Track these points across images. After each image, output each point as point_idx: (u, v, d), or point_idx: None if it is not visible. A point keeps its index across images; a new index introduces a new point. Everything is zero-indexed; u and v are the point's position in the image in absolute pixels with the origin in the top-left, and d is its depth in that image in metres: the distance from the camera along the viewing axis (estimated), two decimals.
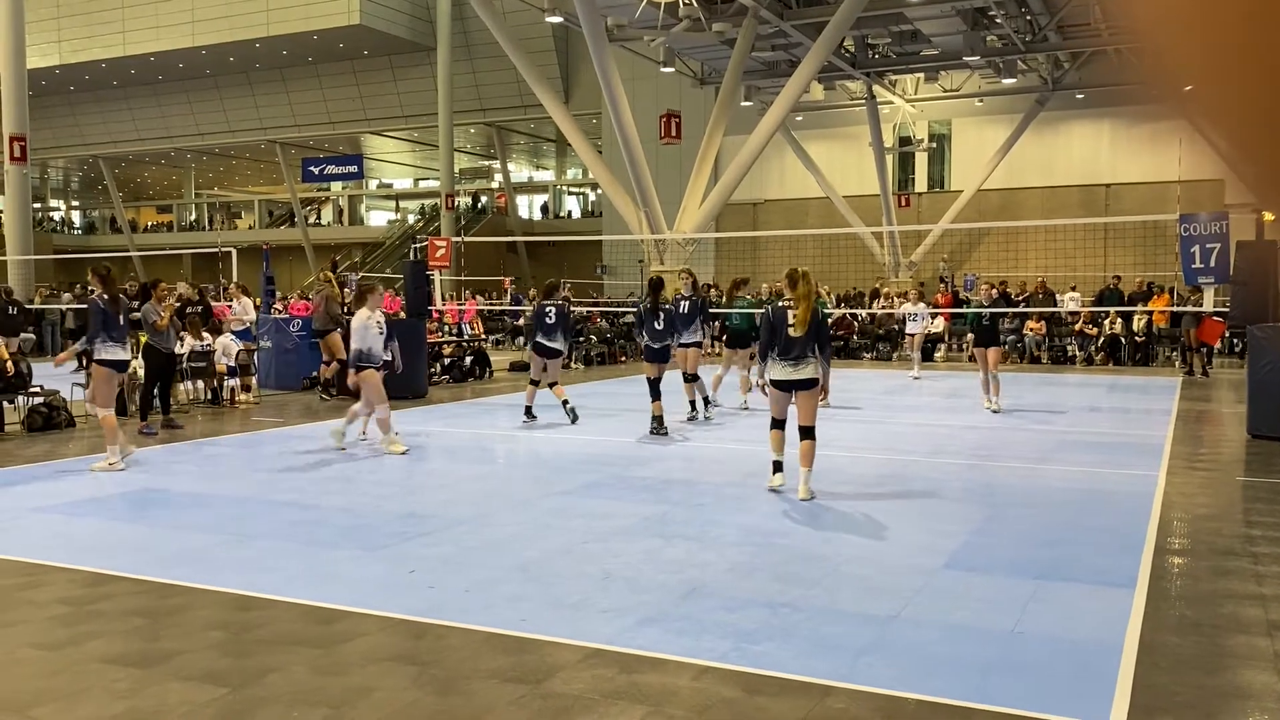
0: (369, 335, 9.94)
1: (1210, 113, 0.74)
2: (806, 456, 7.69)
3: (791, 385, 7.68)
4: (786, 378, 7.66)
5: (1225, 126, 0.75)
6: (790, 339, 7.62)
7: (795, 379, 7.64)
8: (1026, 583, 5.52)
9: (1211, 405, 14.30)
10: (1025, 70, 28.04)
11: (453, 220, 38.73)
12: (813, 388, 7.68)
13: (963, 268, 32.08)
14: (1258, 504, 7.66)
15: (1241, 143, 0.75)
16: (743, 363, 13.47)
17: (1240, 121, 0.74)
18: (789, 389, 7.71)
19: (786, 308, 7.73)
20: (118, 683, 4.18)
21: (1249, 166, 0.76)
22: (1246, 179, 0.79)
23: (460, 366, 18.12)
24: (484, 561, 6.05)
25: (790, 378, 7.65)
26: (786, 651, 4.48)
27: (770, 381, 7.78)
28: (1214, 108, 0.74)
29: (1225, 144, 0.77)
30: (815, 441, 7.74)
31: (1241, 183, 0.82)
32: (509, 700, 3.97)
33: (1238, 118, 0.73)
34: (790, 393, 7.74)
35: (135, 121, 46.34)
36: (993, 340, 13.33)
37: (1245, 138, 0.75)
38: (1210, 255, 11.56)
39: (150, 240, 53.28)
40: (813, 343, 7.64)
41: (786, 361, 7.64)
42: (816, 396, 7.74)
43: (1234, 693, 4.04)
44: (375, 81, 41.44)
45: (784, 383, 7.70)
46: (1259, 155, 0.75)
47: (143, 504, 7.80)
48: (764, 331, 7.87)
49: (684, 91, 30.62)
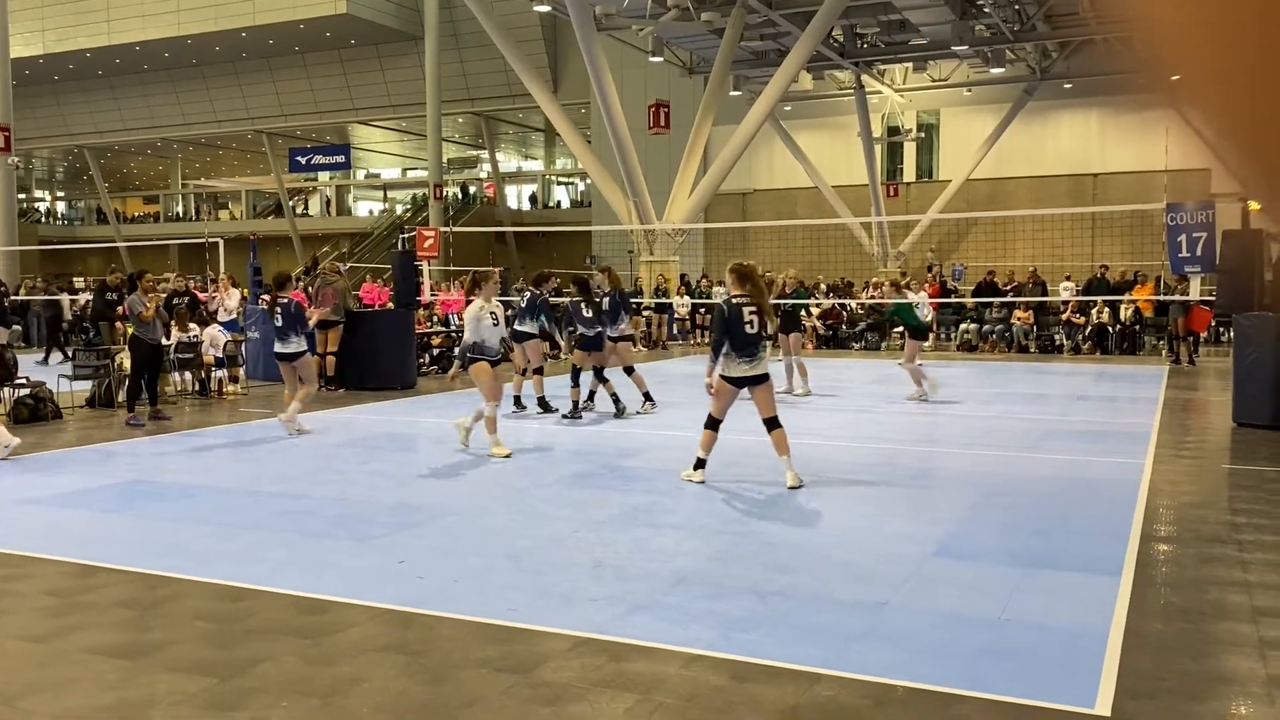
0: (482, 327, 9.32)
1: (1201, 102, 0.75)
2: (782, 445, 7.71)
3: (746, 381, 7.67)
4: (745, 374, 7.64)
5: (1216, 116, 0.75)
6: (747, 335, 7.61)
7: (754, 374, 7.64)
8: (1014, 570, 5.56)
9: (1197, 394, 14.38)
10: (1013, 60, 28.08)
11: (441, 210, 38.61)
12: (767, 381, 7.70)
13: (951, 258, 32.16)
14: (1243, 491, 7.72)
15: (1232, 133, 0.76)
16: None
17: (1231, 111, 0.74)
18: (743, 385, 7.69)
19: (741, 304, 7.67)
20: (106, 674, 4.17)
21: (1239, 157, 0.77)
22: (1236, 169, 0.79)
23: (449, 357, 18.07)
24: (474, 551, 6.05)
25: (750, 374, 7.64)
26: (775, 639, 4.50)
27: (726, 379, 7.70)
28: (1206, 97, 0.74)
29: (1215, 133, 0.77)
30: (784, 428, 7.75)
31: (1233, 174, 0.83)
32: (499, 689, 3.97)
33: (1229, 108, 0.74)
34: (740, 389, 7.73)
35: (120, 111, 46.04)
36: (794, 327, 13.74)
37: (1235, 127, 0.75)
38: (1197, 244, 11.62)
39: (136, 231, 52.99)
40: (764, 338, 7.71)
41: (744, 358, 7.62)
42: (771, 389, 7.77)
43: (1218, 678, 4.07)
44: (362, 71, 41.25)
45: (740, 379, 7.66)
46: (1249, 145, 0.76)
47: (131, 495, 7.78)
48: (718, 329, 7.77)
49: (673, 81, 30.57)
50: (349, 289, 15.05)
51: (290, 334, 10.68)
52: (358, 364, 14.83)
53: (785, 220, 30.80)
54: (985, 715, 3.71)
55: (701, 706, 3.80)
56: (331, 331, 14.72)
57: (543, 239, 40.85)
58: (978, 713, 3.73)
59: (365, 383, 14.69)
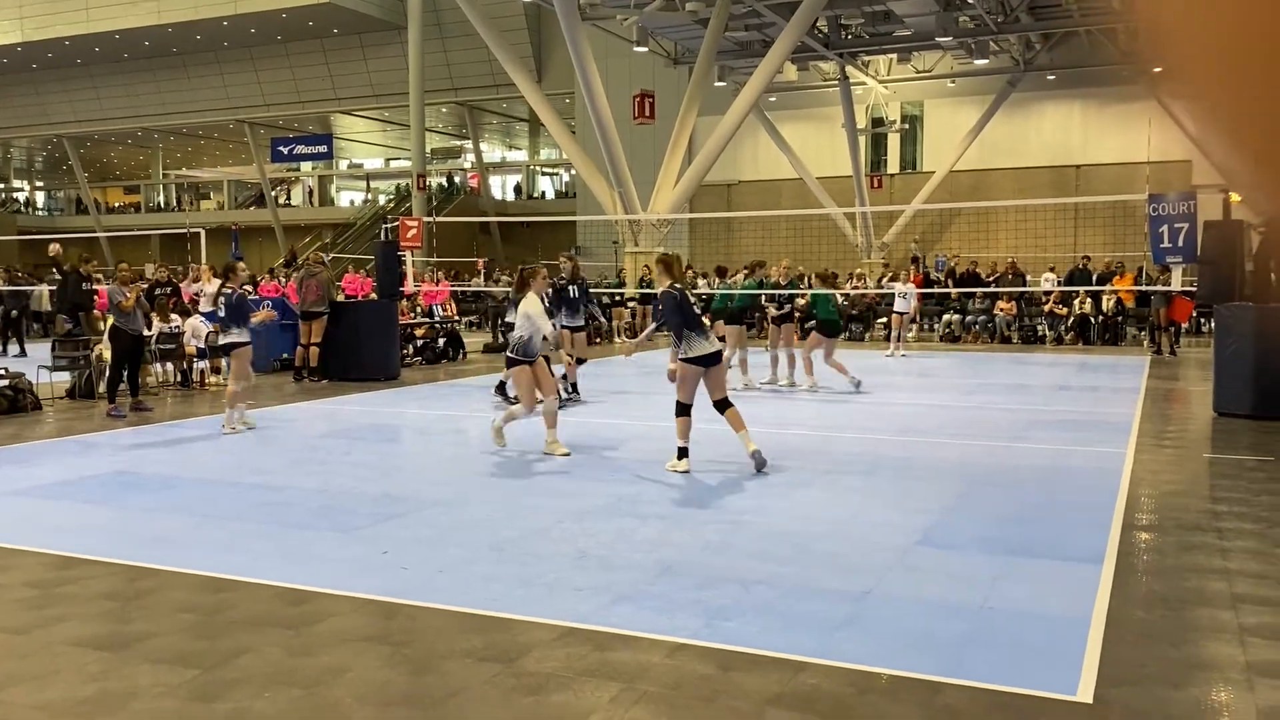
0: (533, 325, 8.73)
1: (1198, 93, 0.74)
2: (739, 421, 7.92)
3: (709, 360, 7.88)
4: (707, 351, 7.89)
5: (1210, 106, 0.75)
6: (698, 316, 8.11)
7: (714, 351, 7.93)
8: (997, 559, 5.58)
9: (1179, 384, 14.47)
10: (997, 51, 28.13)
11: (424, 201, 38.44)
12: (721, 361, 8.03)
13: (934, 249, 32.24)
14: (1223, 480, 7.77)
15: (1221, 122, 0.75)
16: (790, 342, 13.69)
17: (1226, 101, 0.74)
18: (707, 364, 7.88)
19: (685, 289, 8.23)
20: (88, 665, 4.15)
21: (1227, 147, 0.76)
22: (1222, 159, 0.79)
23: (433, 348, 18.04)
24: (458, 542, 6.04)
25: (711, 350, 7.91)
26: (759, 628, 4.51)
27: (691, 360, 7.86)
28: (1203, 87, 0.74)
29: (1204, 123, 0.76)
30: (736, 406, 8.01)
31: (1217, 165, 0.82)
32: (482, 680, 3.97)
33: (1228, 98, 0.73)
34: (703, 369, 7.90)
35: (100, 100, 45.62)
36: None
37: (1228, 117, 0.75)
38: (1178, 235, 11.68)
39: (117, 221, 52.56)
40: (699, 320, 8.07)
41: (702, 336, 7.93)
42: (724, 370, 8.15)
43: (1199, 664, 4.10)
44: (345, 60, 40.99)
45: (704, 358, 7.88)
46: (1236, 134, 0.75)
47: (112, 487, 7.73)
48: (674, 314, 7.99)
49: (657, 71, 30.49)
50: (333, 280, 14.98)
51: (232, 325, 10.34)
52: (341, 355, 14.78)
53: (770, 211, 30.81)
54: (968, 703, 3.73)
55: (686, 695, 3.81)
56: (315, 323, 14.67)
57: (527, 230, 40.74)
58: (961, 700, 3.75)
59: (349, 374, 14.63)
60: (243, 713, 3.69)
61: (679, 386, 7.99)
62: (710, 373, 7.88)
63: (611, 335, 23.32)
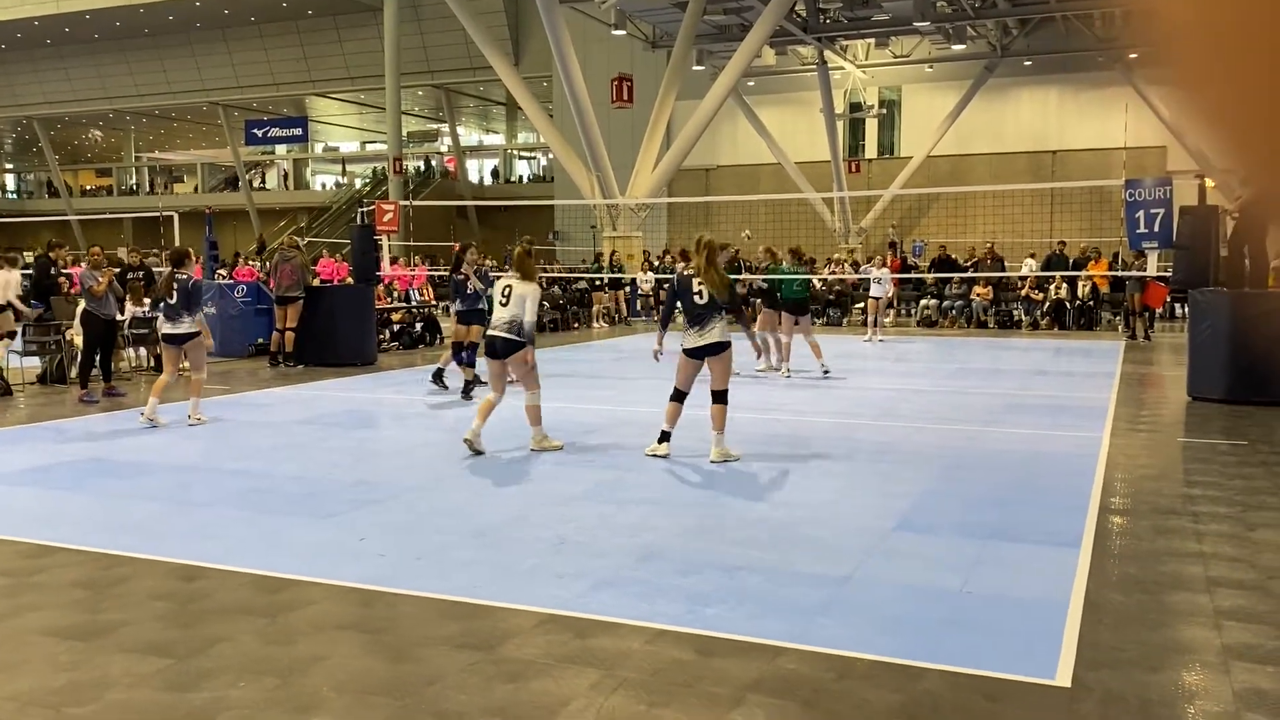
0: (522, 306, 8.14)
1: (1193, 85, 0.72)
2: (718, 420, 7.78)
3: (702, 352, 7.72)
4: (695, 344, 7.72)
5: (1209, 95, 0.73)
6: (697, 306, 7.72)
7: (704, 344, 7.70)
8: (975, 543, 5.60)
9: (1153, 368, 14.58)
10: (974, 37, 28.19)
11: (401, 184, 38.18)
12: (723, 352, 7.73)
13: (912, 234, 32.34)
14: (1197, 464, 7.84)
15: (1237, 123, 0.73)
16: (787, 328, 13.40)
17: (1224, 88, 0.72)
18: (700, 356, 7.74)
19: (691, 276, 7.86)
20: (59, 655, 4.09)
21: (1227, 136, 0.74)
22: (1208, 147, 0.77)
23: (410, 333, 17.94)
24: (435, 528, 6.00)
25: (699, 344, 7.70)
26: (740, 614, 4.50)
27: (683, 350, 7.81)
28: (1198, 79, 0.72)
29: (1201, 111, 0.75)
30: (726, 406, 7.80)
31: (1216, 152, 0.80)
32: (461, 667, 3.94)
33: (1224, 92, 0.71)
34: (702, 360, 7.77)
35: (71, 82, 44.99)
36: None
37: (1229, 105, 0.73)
38: (1154, 220, 11.76)
39: (89, 204, 51.92)
40: (719, 308, 7.70)
41: (693, 328, 7.73)
42: (727, 361, 7.79)
43: (1175, 647, 4.13)
44: (320, 42, 40.59)
45: (694, 350, 7.74)
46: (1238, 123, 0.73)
47: (85, 473, 7.63)
48: (667, 298, 8.01)
49: (636, 55, 30.37)
50: (307, 264, 14.82)
51: (183, 313, 9.75)
52: (317, 340, 14.66)
53: (748, 196, 30.80)
54: (947, 687, 3.74)
55: (665, 681, 3.79)
56: (291, 307, 14.54)
57: (504, 213, 40.56)
58: (939, 684, 3.76)
59: (325, 359, 14.52)
60: (217, 702, 3.65)
61: (676, 372, 7.94)
62: (710, 362, 7.73)
63: (590, 320, 23.26)
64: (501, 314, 7.97)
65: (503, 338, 7.94)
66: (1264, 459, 7.96)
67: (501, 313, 7.98)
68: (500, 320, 7.97)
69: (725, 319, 7.79)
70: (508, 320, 7.94)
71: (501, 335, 7.94)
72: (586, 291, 23.77)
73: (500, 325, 7.96)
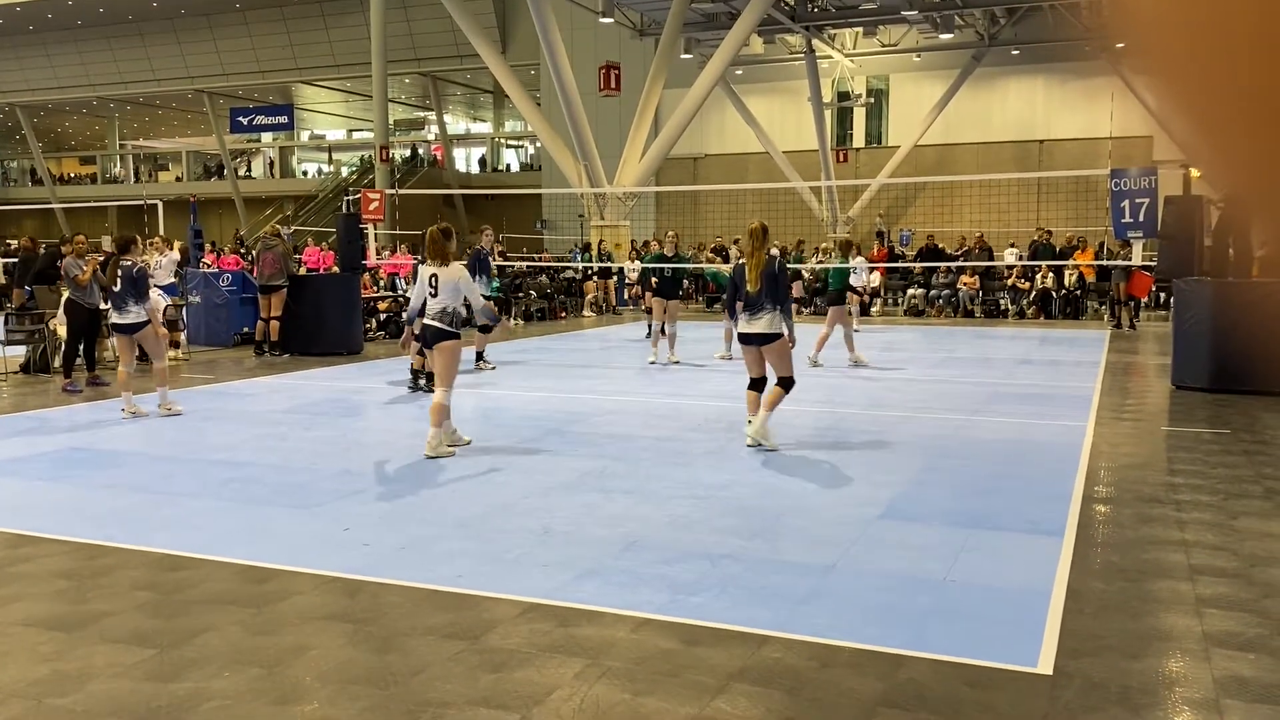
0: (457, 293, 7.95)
1: (1168, 75, 0.72)
2: (771, 400, 7.87)
3: (752, 339, 7.82)
4: (745, 330, 7.86)
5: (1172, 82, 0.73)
6: (748, 294, 7.85)
7: (750, 332, 7.81)
8: (960, 531, 5.62)
9: (1138, 357, 14.65)
10: (962, 26, 28.19)
11: (387, 173, 37.99)
12: (773, 342, 7.78)
13: (899, 223, 32.38)
14: (1181, 453, 7.88)
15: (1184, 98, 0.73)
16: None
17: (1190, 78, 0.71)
18: (753, 343, 7.84)
19: (745, 264, 8.00)
20: (40, 646, 4.07)
21: (1189, 123, 0.74)
22: (1188, 137, 0.77)
23: (396, 322, 17.87)
24: (421, 518, 5.99)
25: (746, 330, 7.84)
26: (724, 602, 4.51)
27: (739, 335, 8.01)
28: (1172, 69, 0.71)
29: (1166, 98, 0.74)
30: (784, 392, 7.87)
31: (1178, 140, 0.80)
32: (446, 656, 3.94)
33: (1198, 83, 0.71)
34: (757, 347, 7.85)
35: (54, 69, 44.58)
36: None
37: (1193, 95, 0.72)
38: (1139, 210, 11.77)
39: (73, 193, 51.52)
40: (768, 297, 7.73)
41: (745, 314, 7.87)
42: (781, 350, 7.81)
43: (1156, 635, 4.15)
44: (306, 29, 40.30)
45: (744, 335, 7.89)
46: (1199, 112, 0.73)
47: (68, 463, 7.59)
48: (729, 288, 8.27)
49: (623, 43, 30.25)
50: (290, 253, 14.74)
51: (129, 301, 9.48)
52: (303, 329, 14.60)
53: (736, 185, 30.78)
54: (930, 675, 3.75)
55: (650, 670, 3.80)
56: (275, 296, 14.47)
57: (492, 202, 40.42)
58: (923, 673, 3.77)
59: (310, 348, 14.47)
60: (200, 692, 3.64)
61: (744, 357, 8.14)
62: (764, 352, 7.83)
63: (579, 310, 23.22)
64: (433, 304, 7.72)
65: (434, 326, 7.71)
66: (1246, 448, 8.01)
67: (433, 303, 7.72)
68: (433, 310, 7.72)
69: (779, 310, 7.78)
70: (439, 310, 7.70)
71: (434, 324, 7.71)
72: (575, 281, 23.72)
73: (433, 314, 7.72)
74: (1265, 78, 0.66)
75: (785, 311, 7.79)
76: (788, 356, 7.84)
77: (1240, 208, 7.69)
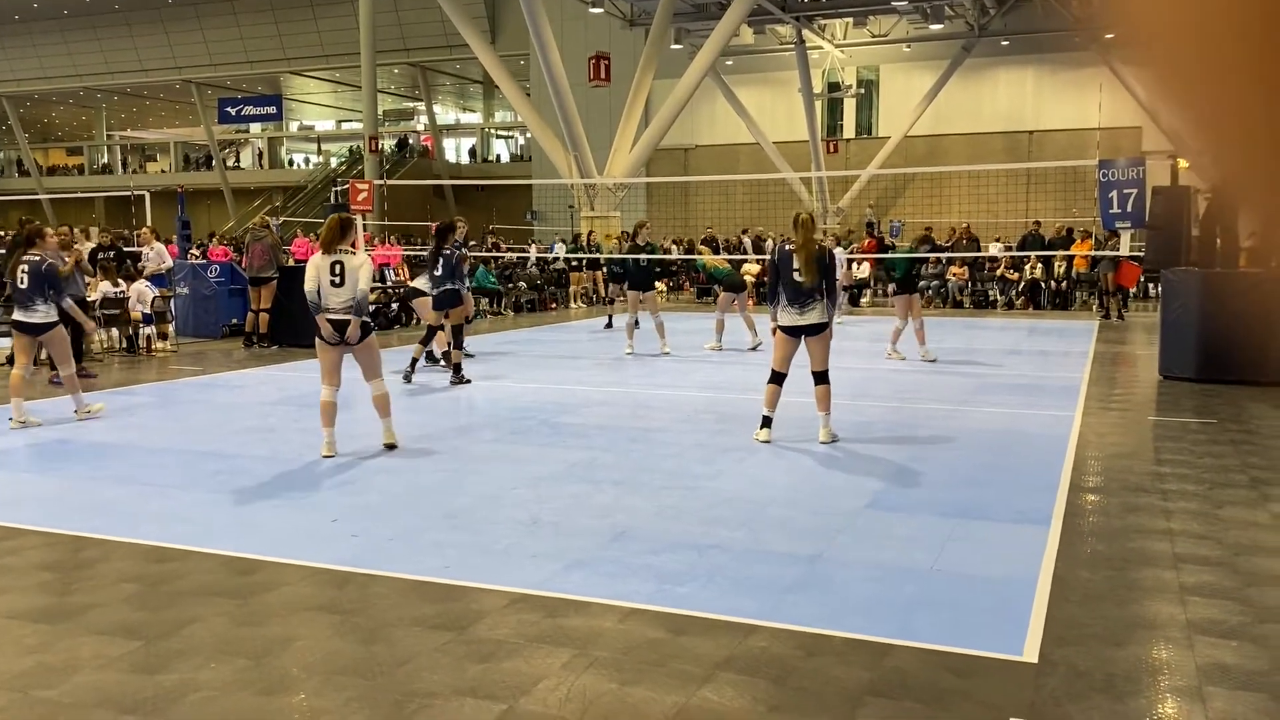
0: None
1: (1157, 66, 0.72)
2: (822, 402, 7.72)
3: (800, 331, 7.60)
4: (793, 323, 7.58)
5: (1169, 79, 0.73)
6: (795, 283, 7.51)
7: (802, 324, 7.56)
8: (946, 521, 5.64)
9: (1126, 347, 14.70)
10: (952, 16, 28.19)
11: (376, 163, 37.86)
12: (821, 332, 7.59)
13: (889, 214, 32.40)
14: (1167, 442, 7.91)
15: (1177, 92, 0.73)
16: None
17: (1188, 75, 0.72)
18: (797, 335, 7.63)
19: (791, 251, 7.58)
20: (25, 638, 4.06)
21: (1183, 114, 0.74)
22: (1178, 128, 0.77)
23: (385, 313, 17.83)
24: (408, 509, 5.98)
25: (797, 323, 7.57)
26: (711, 592, 4.52)
27: (781, 328, 7.67)
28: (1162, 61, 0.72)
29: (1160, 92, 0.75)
30: (829, 386, 7.72)
31: (1168, 131, 0.80)
32: (433, 647, 3.94)
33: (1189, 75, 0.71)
34: (798, 339, 7.64)
35: (40, 59, 44.27)
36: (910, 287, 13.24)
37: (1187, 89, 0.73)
38: (1127, 200, 11.82)
39: (60, 184, 51.20)
40: (819, 287, 7.52)
41: (792, 306, 7.55)
42: (826, 341, 7.67)
43: (1141, 623, 4.17)
44: (295, 19, 40.09)
45: (792, 328, 7.61)
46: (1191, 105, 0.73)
47: (54, 455, 7.56)
48: (770, 274, 7.74)
49: (613, 33, 30.20)
50: (279, 244, 14.69)
51: (36, 299, 8.64)
52: (292, 321, 14.53)
53: (726, 176, 30.76)
54: (916, 664, 3.77)
55: (637, 660, 3.81)
56: (264, 288, 14.42)
57: (482, 193, 40.32)
58: (909, 662, 3.79)
59: (300, 340, 14.41)
60: (187, 684, 3.63)
61: (774, 350, 7.83)
62: (808, 342, 7.60)
63: (569, 301, 23.19)
64: (340, 295, 7.38)
65: (345, 320, 7.41)
66: (1232, 437, 8.05)
67: (339, 293, 7.38)
68: (339, 302, 7.39)
69: (823, 299, 7.57)
70: (345, 302, 7.39)
71: (344, 319, 7.41)
72: (564, 272, 23.69)
73: (340, 308, 7.40)
74: (1253, 68, 0.67)
75: (832, 301, 7.64)
76: (829, 348, 7.72)
77: (1228, 197, 7.70)
